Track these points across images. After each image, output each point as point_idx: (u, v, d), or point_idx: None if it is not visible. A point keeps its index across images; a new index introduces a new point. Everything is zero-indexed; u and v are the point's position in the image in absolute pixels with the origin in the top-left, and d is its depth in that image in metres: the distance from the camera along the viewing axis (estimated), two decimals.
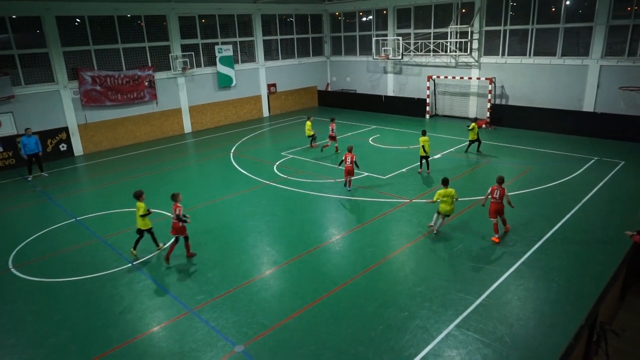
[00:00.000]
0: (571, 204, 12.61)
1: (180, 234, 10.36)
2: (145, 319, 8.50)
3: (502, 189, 10.69)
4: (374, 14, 28.31)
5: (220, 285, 9.40)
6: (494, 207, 10.68)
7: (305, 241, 11.29)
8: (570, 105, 21.04)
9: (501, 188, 10.69)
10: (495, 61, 23.30)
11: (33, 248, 11.68)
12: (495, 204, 10.66)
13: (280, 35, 28.95)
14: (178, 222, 10.17)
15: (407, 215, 12.50)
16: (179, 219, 10.11)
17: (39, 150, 17.62)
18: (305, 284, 9.38)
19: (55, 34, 19.74)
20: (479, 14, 23.23)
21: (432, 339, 7.51)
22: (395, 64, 27.84)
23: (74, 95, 20.72)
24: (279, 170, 16.94)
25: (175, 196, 10.35)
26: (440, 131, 22.37)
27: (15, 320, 8.67)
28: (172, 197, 10.38)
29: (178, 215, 10.09)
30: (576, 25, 20.55)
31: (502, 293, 8.71)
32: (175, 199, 10.30)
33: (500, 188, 10.68)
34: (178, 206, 10.17)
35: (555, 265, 9.61)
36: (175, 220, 10.16)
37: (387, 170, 16.33)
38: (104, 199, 15.06)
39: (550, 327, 7.68)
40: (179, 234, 10.34)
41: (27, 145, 17.31)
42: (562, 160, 16.66)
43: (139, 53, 22.62)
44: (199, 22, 24.62)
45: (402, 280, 9.38)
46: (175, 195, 10.38)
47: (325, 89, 32.15)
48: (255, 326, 8.06)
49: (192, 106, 25.06)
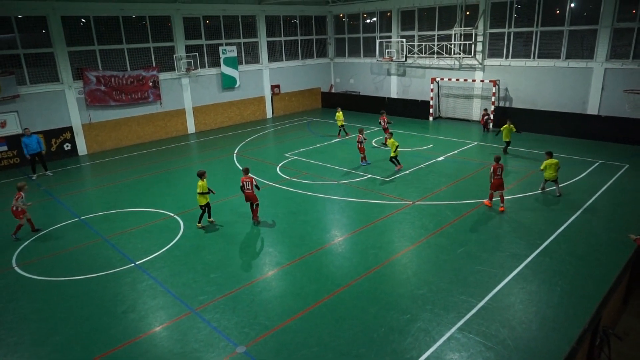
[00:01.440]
0: (575, 207, 12.58)
1: (254, 200, 12.41)
2: (148, 318, 8.52)
3: (501, 165, 12.54)
4: (378, 16, 28.33)
5: (223, 286, 9.41)
6: (496, 182, 12.49)
7: (307, 242, 11.30)
8: (574, 108, 20.99)
9: (500, 164, 12.50)
10: (499, 63, 23.28)
11: (37, 247, 11.73)
12: (497, 180, 12.46)
13: (285, 36, 29.00)
14: (252, 191, 12.25)
15: (410, 218, 12.49)
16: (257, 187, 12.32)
17: (41, 149, 17.74)
18: (308, 285, 9.38)
19: (61, 34, 19.84)
20: (483, 16, 23.21)
21: (434, 341, 7.49)
22: (399, 65, 27.84)
23: (78, 95, 20.82)
24: (282, 172, 16.96)
25: (247, 170, 12.50)
26: (444, 133, 22.35)
27: (18, 318, 8.71)
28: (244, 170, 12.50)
29: (256, 185, 12.30)
30: (581, 28, 20.50)
31: (505, 296, 8.69)
32: (246, 172, 12.41)
33: (499, 165, 12.46)
34: (250, 177, 12.29)
35: (559, 268, 9.58)
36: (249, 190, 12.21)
37: (390, 172, 16.32)
38: (107, 198, 15.11)
39: (553, 331, 7.66)
40: (252, 200, 12.39)
41: (29, 145, 17.42)
42: (566, 163, 16.60)
43: (144, 53, 22.70)
44: (204, 23, 24.70)
45: (404, 282, 9.37)
46: (247, 169, 12.54)
47: (329, 90, 32.17)
48: (257, 327, 8.07)
49: (196, 107, 25.14)
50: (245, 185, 12.30)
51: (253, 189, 12.36)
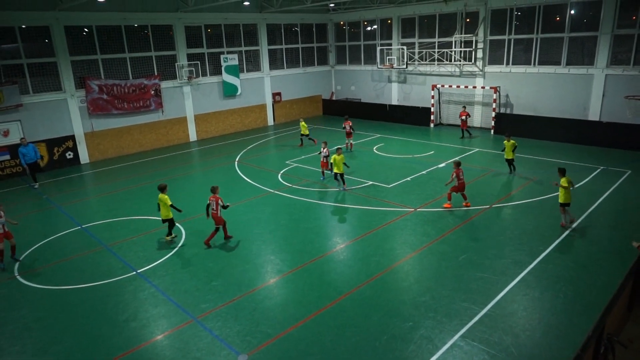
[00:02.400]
0: (577, 213, 12.53)
1: (218, 222, 11.66)
2: (150, 327, 8.50)
3: (461, 170, 13.18)
4: (378, 24, 28.48)
5: (225, 294, 9.39)
6: (462, 185, 13.17)
7: (309, 250, 11.28)
8: (575, 115, 21.00)
9: (461, 169, 13.17)
10: (499, 70, 23.34)
11: (39, 255, 11.74)
12: (462, 183, 13.16)
13: (286, 44, 29.15)
14: (217, 212, 11.49)
15: (411, 225, 12.47)
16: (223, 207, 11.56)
17: (37, 157, 17.92)
18: (310, 293, 9.36)
19: (64, 44, 19.99)
20: (484, 24, 23.32)
21: (437, 349, 7.45)
22: (399, 73, 27.94)
23: (81, 103, 20.92)
24: (284, 179, 16.97)
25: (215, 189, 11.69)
26: (445, 140, 22.37)
27: (21, 327, 8.70)
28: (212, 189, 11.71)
29: (223, 205, 11.52)
30: (581, 35, 20.58)
31: (508, 303, 8.65)
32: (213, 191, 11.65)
33: (461, 169, 13.11)
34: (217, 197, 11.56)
35: (562, 275, 9.54)
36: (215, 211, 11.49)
37: (392, 179, 16.33)
38: (109, 206, 15.13)
39: (556, 338, 7.61)
40: (217, 222, 11.65)
41: (27, 155, 17.53)
42: (568, 170, 16.54)
43: (146, 62, 22.84)
44: (205, 32, 24.86)
45: (406, 289, 9.34)
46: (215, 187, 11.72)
47: (330, 97, 32.27)
48: (259, 335, 8.04)
49: (197, 115, 25.23)
50: (211, 205, 11.51)
51: (219, 210, 11.49)
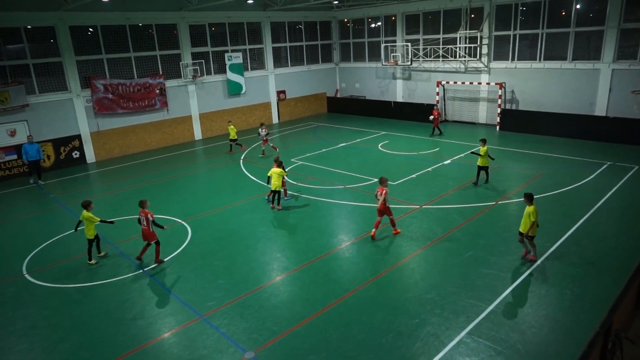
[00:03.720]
0: (584, 209, 12.46)
1: (150, 239, 10.75)
2: (156, 325, 8.54)
3: (386, 189, 11.14)
4: (382, 20, 28.39)
5: (231, 292, 9.42)
6: (382, 207, 11.21)
7: (315, 248, 11.28)
8: (581, 110, 20.85)
9: (384, 188, 11.15)
10: (505, 66, 23.20)
11: (46, 254, 11.83)
12: (382, 205, 11.16)
13: (290, 42, 29.13)
14: (148, 229, 10.59)
15: (417, 222, 12.44)
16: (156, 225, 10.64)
17: (40, 157, 18.12)
18: (316, 290, 9.36)
19: (69, 44, 20.07)
20: (488, 19, 23.18)
21: (444, 346, 7.44)
22: (404, 69, 27.84)
23: (86, 103, 21.02)
24: (289, 177, 16.96)
25: (143, 203, 10.74)
26: (450, 136, 22.29)
27: (28, 325, 8.77)
28: (140, 203, 10.76)
29: (153, 222, 10.59)
30: (587, 29, 20.40)
31: (514, 300, 8.62)
32: (141, 205, 10.71)
33: (384, 189, 11.14)
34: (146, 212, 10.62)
35: (569, 272, 9.48)
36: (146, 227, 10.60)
37: (397, 176, 16.29)
38: (115, 205, 15.20)
39: (563, 335, 7.58)
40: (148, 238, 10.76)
41: (29, 152, 17.81)
42: (574, 166, 16.49)
43: (150, 61, 22.90)
44: (209, 30, 24.87)
45: (412, 286, 9.32)
46: (143, 201, 10.78)
47: (335, 95, 32.23)
48: (265, 333, 8.06)
49: (202, 113, 25.27)
50: (140, 220, 10.67)
51: (150, 226, 10.53)
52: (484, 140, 14.64)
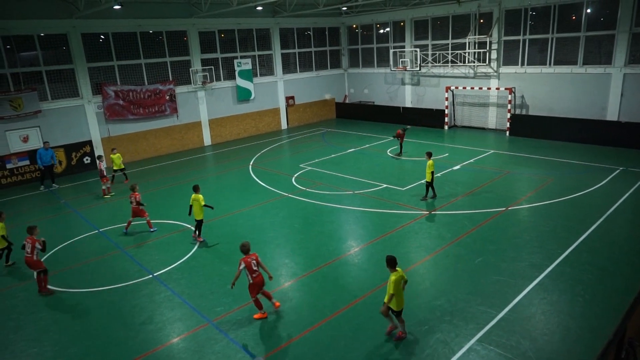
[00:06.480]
0: (596, 215, 12.30)
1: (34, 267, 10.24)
2: (165, 330, 8.56)
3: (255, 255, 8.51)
4: (391, 26, 28.42)
5: (240, 297, 9.41)
6: (257, 280, 8.39)
7: (323, 253, 11.26)
8: (593, 115, 20.65)
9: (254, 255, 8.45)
10: (514, 71, 23.09)
11: (58, 258, 11.93)
12: (257, 278, 8.39)
13: (299, 48, 29.27)
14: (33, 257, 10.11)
15: (426, 228, 12.37)
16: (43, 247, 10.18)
17: (54, 162, 18.54)
18: (324, 296, 9.33)
19: (81, 51, 20.36)
20: (497, 24, 23.11)
21: (453, 353, 7.36)
22: (413, 75, 27.82)
23: (97, 109, 21.28)
24: (298, 182, 16.99)
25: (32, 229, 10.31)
26: (459, 142, 22.19)
27: (39, 329, 8.84)
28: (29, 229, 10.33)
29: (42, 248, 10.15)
30: (598, 34, 20.25)
31: (525, 307, 8.51)
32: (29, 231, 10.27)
33: (253, 255, 8.42)
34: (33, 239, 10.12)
35: (581, 278, 9.36)
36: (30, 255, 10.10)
37: (406, 182, 16.23)
38: (126, 211, 15.26)
39: (575, 343, 7.46)
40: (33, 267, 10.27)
41: (43, 158, 18.13)
42: (585, 171, 16.31)
43: (161, 68, 23.14)
44: (219, 37, 25.09)
45: (422, 293, 9.25)
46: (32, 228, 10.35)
47: (343, 100, 32.27)
48: (274, 339, 8.04)
49: (211, 119, 25.44)
50: (26, 247, 10.11)
51: (34, 254, 10.04)
52: (429, 154, 14.11)
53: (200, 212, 11.98)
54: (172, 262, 11.21)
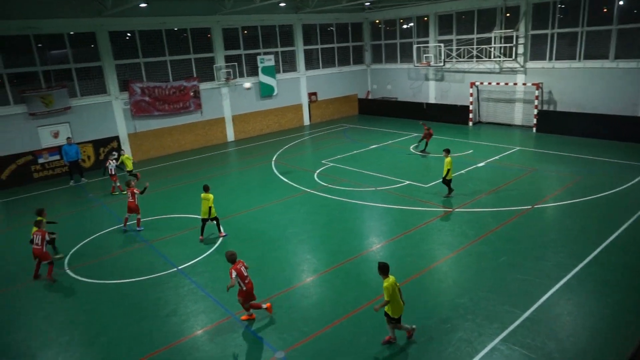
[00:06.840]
0: (626, 214, 11.94)
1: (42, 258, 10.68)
2: (189, 322, 8.73)
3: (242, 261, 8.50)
4: (414, 21, 28.09)
5: (262, 291, 9.49)
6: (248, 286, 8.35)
7: (346, 249, 11.27)
8: (624, 111, 19.99)
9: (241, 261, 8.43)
10: (542, 66, 22.53)
11: (86, 251, 12.28)
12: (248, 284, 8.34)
13: (321, 44, 29.22)
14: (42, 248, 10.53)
15: (449, 225, 12.24)
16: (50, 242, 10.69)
17: (78, 157, 18.91)
18: (346, 292, 9.35)
19: (108, 48, 20.82)
20: (525, 18, 22.57)
21: (476, 352, 7.28)
22: (437, 70, 27.46)
23: (124, 105, 21.74)
24: (320, 179, 17.02)
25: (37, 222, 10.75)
26: (484, 139, 21.82)
27: (69, 319, 9.14)
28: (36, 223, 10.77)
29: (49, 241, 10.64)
30: (631, 27, 19.56)
31: (551, 307, 8.34)
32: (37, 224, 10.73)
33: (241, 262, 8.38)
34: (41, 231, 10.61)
35: (610, 279, 9.11)
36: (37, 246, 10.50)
37: (429, 178, 16.07)
38: (152, 205, 15.62)
39: (603, 346, 7.28)
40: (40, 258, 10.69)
41: (68, 153, 18.62)
42: (615, 169, 15.82)
43: (185, 64, 23.46)
44: (242, 34, 25.26)
45: (444, 291, 9.17)
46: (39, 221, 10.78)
47: (366, 96, 32.11)
48: (295, 333, 8.11)
49: (235, 115, 25.68)
50: (35, 239, 10.55)
51: (43, 246, 10.51)
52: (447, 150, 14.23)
53: (207, 211, 11.95)
54: (197, 255, 11.40)
